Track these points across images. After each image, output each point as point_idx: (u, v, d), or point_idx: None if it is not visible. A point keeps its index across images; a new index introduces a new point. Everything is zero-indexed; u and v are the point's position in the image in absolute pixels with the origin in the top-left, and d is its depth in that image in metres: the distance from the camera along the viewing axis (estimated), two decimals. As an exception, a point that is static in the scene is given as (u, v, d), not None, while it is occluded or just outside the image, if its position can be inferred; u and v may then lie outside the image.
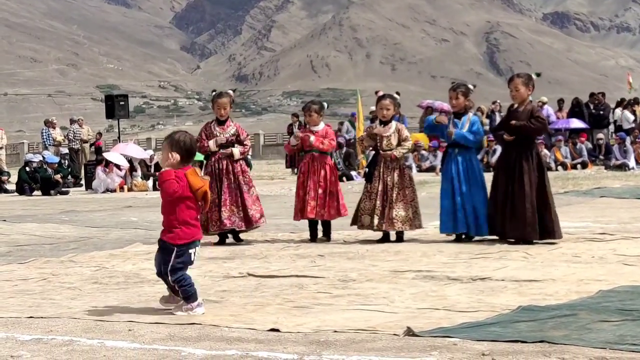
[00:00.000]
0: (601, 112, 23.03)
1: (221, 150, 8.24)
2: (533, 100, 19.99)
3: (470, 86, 8.15)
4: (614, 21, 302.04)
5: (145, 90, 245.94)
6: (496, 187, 7.57)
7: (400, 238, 7.89)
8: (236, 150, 8.25)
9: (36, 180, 18.72)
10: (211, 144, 8.22)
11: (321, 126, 8.35)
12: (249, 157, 22.46)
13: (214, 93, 8.50)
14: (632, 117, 23.01)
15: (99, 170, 18.78)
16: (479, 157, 20.63)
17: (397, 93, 8.45)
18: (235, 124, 8.44)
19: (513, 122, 7.53)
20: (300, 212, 8.19)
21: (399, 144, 7.95)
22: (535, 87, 7.77)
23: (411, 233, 8.10)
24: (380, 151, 7.98)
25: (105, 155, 19.39)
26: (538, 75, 7.90)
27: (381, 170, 7.88)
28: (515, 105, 7.72)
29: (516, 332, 3.94)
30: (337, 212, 8.13)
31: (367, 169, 8.23)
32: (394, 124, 8.07)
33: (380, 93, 8.27)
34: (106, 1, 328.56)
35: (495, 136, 8.18)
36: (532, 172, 7.42)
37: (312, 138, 8.18)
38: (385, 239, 7.89)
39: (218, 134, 8.31)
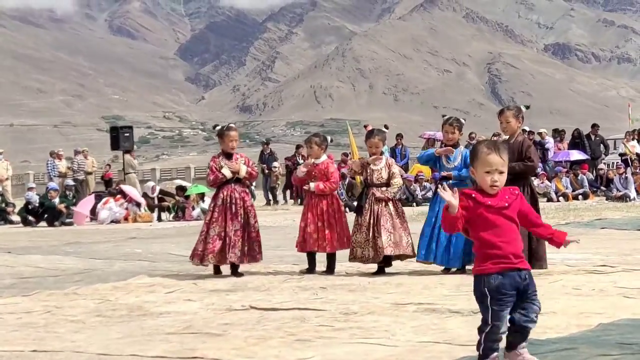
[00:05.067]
0: (593, 142, 23.19)
1: (228, 162, 8.23)
2: (534, 131, 20.03)
3: (462, 120, 8.30)
4: (614, 52, 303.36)
5: (150, 120, 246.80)
6: None
7: (388, 263, 7.93)
8: (244, 167, 8.27)
9: (37, 213, 18.76)
10: (225, 171, 8.18)
11: (323, 159, 8.42)
12: (252, 187, 22.56)
13: (218, 128, 8.53)
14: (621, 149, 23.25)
15: (112, 202, 18.84)
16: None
17: (386, 127, 8.57)
18: (241, 156, 8.49)
19: None
20: (300, 244, 8.23)
21: (389, 179, 8.02)
22: (537, 117, 7.97)
23: (413, 265, 8.13)
24: (373, 187, 8.03)
25: (123, 187, 19.49)
26: (527, 107, 8.05)
27: (371, 203, 7.94)
28: (506, 138, 7.83)
29: (516, 366, 3.96)
30: (339, 244, 8.15)
31: (356, 202, 8.29)
32: (384, 158, 8.16)
33: (369, 128, 8.39)
34: (112, 33, 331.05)
35: None
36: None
37: (312, 185, 8.21)
38: (380, 271, 7.92)
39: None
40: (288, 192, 25.26)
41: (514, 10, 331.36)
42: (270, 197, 24.55)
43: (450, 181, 7.92)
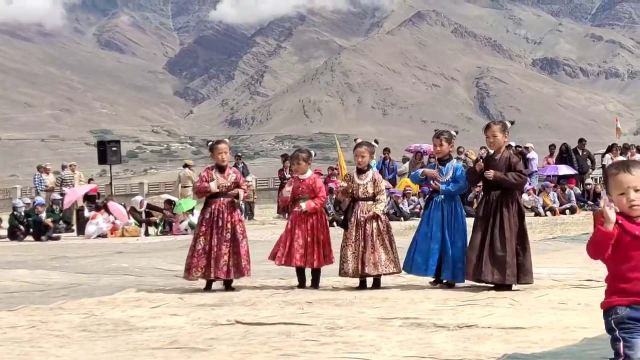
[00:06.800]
0: (581, 157, 23.27)
1: (228, 192, 8.26)
2: (520, 146, 20.06)
3: (453, 132, 8.30)
4: (602, 67, 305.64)
5: (138, 134, 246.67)
6: (475, 231, 7.66)
7: (377, 283, 7.94)
8: (241, 192, 8.30)
9: (25, 224, 18.71)
10: (212, 185, 8.24)
11: (308, 174, 8.43)
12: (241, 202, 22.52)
13: (210, 142, 8.57)
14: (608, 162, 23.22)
15: (100, 217, 18.79)
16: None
17: (375, 141, 8.64)
18: (234, 171, 8.51)
19: (492, 173, 7.62)
20: (285, 258, 8.21)
21: (374, 193, 8.03)
22: (526, 132, 8.02)
23: (399, 279, 8.14)
24: (359, 201, 8.03)
25: (110, 205, 19.42)
26: (512, 123, 8.11)
27: (358, 217, 7.95)
28: (492, 152, 7.87)
29: (500, 380, 3.97)
30: (325, 260, 8.18)
31: (342, 216, 8.30)
32: (370, 172, 8.17)
33: (358, 140, 8.45)
34: (100, 47, 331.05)
35: (471, 180, 8.22)
36: (512, 218, 7.53)
37: (304, 206, 8.17)
38: (362, 285, 7.93)
39: (219, 182, 8.34)
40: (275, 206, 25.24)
41: (502, 25, 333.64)
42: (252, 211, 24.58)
43: (441, 196, 7.94)
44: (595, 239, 3.27)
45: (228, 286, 8.24)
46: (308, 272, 8.29)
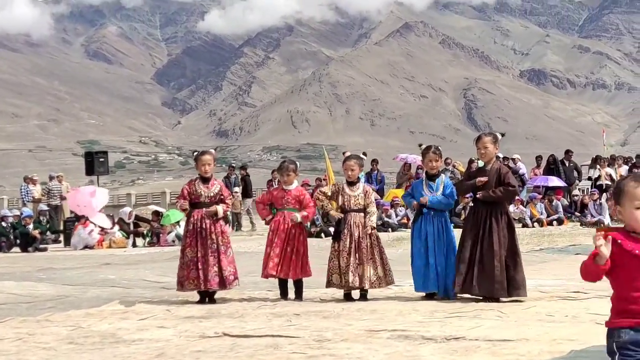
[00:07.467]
0: (567, 168, 23.32)
1: (205, 209, 8.25)
2: (508, 157, 20.14)
3: (439, 147, 8.39)
4: (589, 78, 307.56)
5: (126, 145, 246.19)
6: (464, 244, 7.68)
7: (364, 297, 7.95)
8: (220, 208, 8.28)
9: (11, 235, 18.62)
10: (185, 206, 8.27)
11: (294, 185, 8.44)
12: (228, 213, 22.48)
13: (195, 153, 8.59)
14: (596, 174, 23.26)
15: (80, 228, 18.71)
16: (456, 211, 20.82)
17: (364, 154, 8.69)
18: (218, 182, 8.51)
19: (480, 194, 7.68)
20: (264, 269, 8.21)
21: (365, 205, 8.05)
22: (513, 143, 8.04)
23: (388, 291, 8.14)
24: (351, 212, 8.04)
25: (92, 218, 19.33)
26: (502, 135, 8.18)
27: (351, 229, 7.96)
28: (482, 164, 7.91)
29: (487, 392, 3.98)
30: (301, 272, 8.16)
31: (334, 228, 8.30)
32: (361, 185, 8.19)
33: (347, 154, 8.50)
34: (88, 57, 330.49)
35: (462, 190, 8.24)
36: (501, 231, 7.55)
37: (298, 216, 8.16)
38: (347, 298, 7.93)
39: (203, 193, 8.36)
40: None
41: (490, 36, 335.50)
42: (247, 222, 24.50)
43: (432, 212, 7.95)
44: (587, 270, 3.20)
45: (211, 298, 8.20)
46: (291, 283, 8.28)
